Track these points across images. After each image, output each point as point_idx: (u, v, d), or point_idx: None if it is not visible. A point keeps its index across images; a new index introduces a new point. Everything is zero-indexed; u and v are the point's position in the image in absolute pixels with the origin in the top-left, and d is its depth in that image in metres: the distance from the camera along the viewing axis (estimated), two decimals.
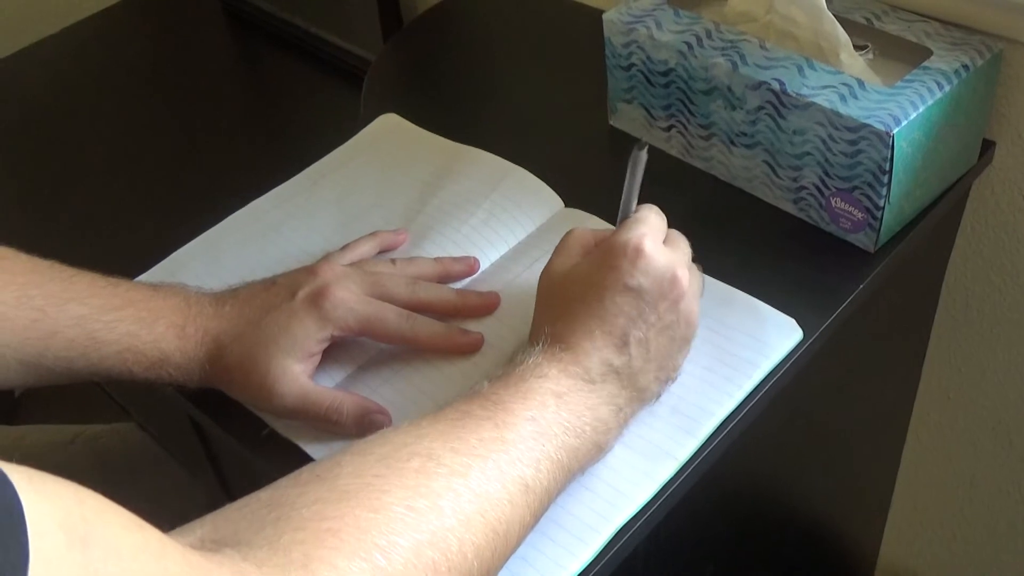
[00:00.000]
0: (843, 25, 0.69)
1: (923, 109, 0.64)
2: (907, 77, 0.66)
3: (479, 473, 0.49)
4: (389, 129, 0.85)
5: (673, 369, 0.59)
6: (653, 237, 0.56)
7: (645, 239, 0.56)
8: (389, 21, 1.06)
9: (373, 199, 0.78)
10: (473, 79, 0.94)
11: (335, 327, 0.61)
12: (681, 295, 0.56)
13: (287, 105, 1.04)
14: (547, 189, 0.75)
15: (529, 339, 0.58)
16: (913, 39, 0.70)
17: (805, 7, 0.69)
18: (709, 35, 0.72)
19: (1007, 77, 0.74)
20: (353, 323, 0.61)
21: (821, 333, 0.64)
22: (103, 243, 0.85)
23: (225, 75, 1.12)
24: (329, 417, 0.60)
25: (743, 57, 0.69)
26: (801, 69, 0.68)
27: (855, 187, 0.67)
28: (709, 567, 0.72)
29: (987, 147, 0.75)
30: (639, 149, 0.57)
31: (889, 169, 0.64)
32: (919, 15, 0.72)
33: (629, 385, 0.56)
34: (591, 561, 0.54)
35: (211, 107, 1.04)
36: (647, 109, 0.78)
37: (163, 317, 0.61)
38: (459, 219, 0.74)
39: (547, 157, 0.78)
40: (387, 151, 0.82)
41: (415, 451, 0.48)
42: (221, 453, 0.77)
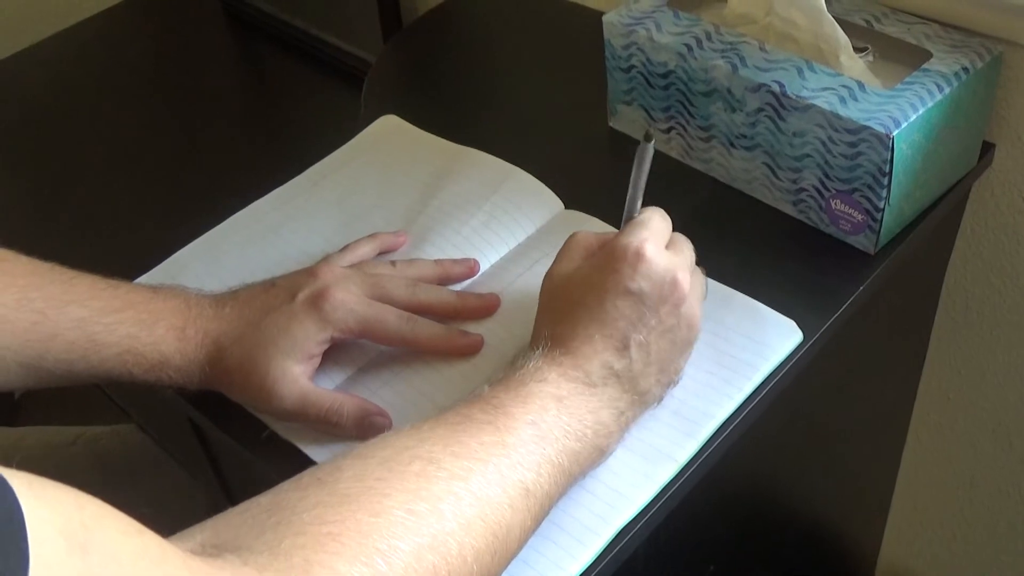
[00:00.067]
0: (843, 27, 0.69)
1: (923, 111, 0.64)
2: (907, 79, 0.66)
3: (480, 477, 0.49)
4: (389, 131, 0.85)
5: (675, 372, 0.59)
6: (655, 241, 0.56)
7: (647, 243, 0.56)
8: (389, 22, 1.06)
9: (373, 201, 0.77)
10: (473, 80, 0.94)
11: (335, 329, 0.61)
12: (682, 299, 0.56)
13: (287, 106, 1.04)
14: (547, 191, 0.75)
15: (530, 343, 0.58)
16: (913, 41, 0.70)
17: (805, 9, 0.69)
18: (709, 37, 0.72)
19: (1007, 79, 0.74)
20: (353, 325, 0.61)
21: (821, 335, 0.64)
22: (103, 243, 0.85)
23: (225, 76, 1.12)
24: (329, 419, 0.60)
25: (743, 59, 0.69)
26: (801, 71, 0.68)
27: (855, 189, 0.67)
28: (709, 569, 0.72)
29: (987, 149, 0.75)
30: (646, 141, 0.57)
31: (889, 171, 0.64)
32: (919, 17, 0.72)
33: (630, 388, 0.56)
34: (591, 563, 0.54)
35: (211, 108, 1.04)
36: (647, 111, 0.78)
37: (163, 319, 0.61)
38: (459, 221, 0.74)
39: (547, 158, 0.78)
40: (387, 153, 0.82)
41: (416, 455, 0.48)
42: (221, 455, 0.77)
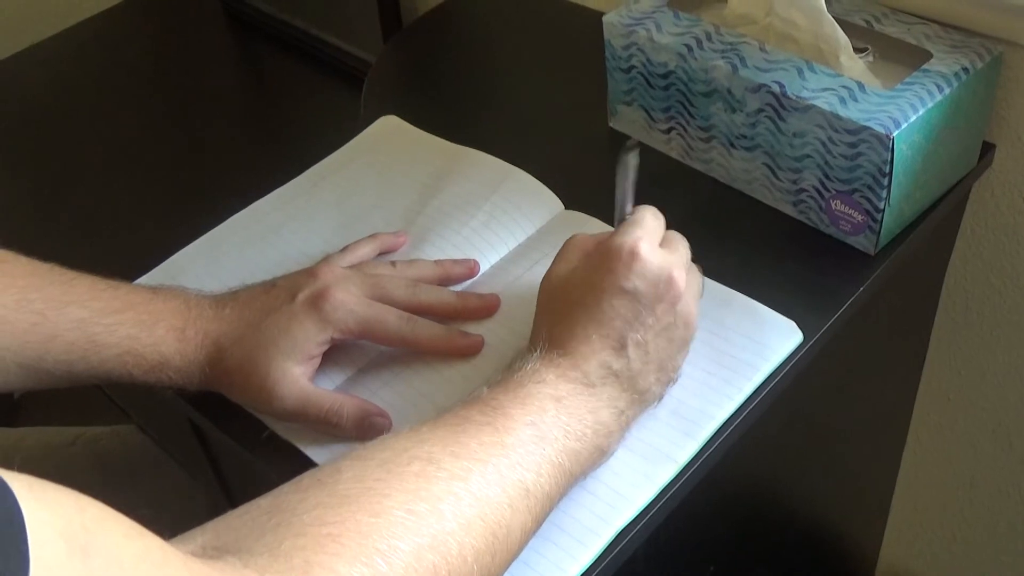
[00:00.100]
0: (843, 27, 0.69)
1: (923, 112, 0.64)
2: (907, 80, 0.66)
3: (479, 477, 0.49)
4: (389, 131, 0.85)
5: (673, 370, 0.59)
6: (649, 239, 0.56)
7: (640, 242, 0.56)
8: (389, 22, 1.06)
9: (373, 201, 0.77)
10: (473, 81, 0.94)
11: (335, 329, 0.61)
12: (678, 296, 0.56)
13: (287, 106, 1.04)
14: (547, 191, 0.75)
15: (528, 344, 0.58)
16: (913, 42, 0.70)
17: (805, 9, 0.69)
18: (709, 37, 0.72)
19: (1007, 80, 0.74)
20: (353, 325, 0.61)
21: (821, 335, 0.64)
22: (103, 243, 0.85)
23: (225, 76, 1.12)
24: (329, 419, 0.60)
25: (743, 59, 0.69)
26: (801, 72, 0.68)
27: (855, 189, 0.67)
28: (709, 569, 0.72)
29: (987, 149, 0.75)
30: (626, 152, 0.57)
31: (889, 171, 0.64)
32: (919, 17, 0.72)
33: (629, 388, 0.56)
34: (591, 564, 0.54)
35: (211, 108, 1.04)
36: (647, 111, 0.78)
37: (163, 320, 0.61)
38: (459, 221, 0.74)
39: (547, 159, 0.78)
40: (387, 153, 0.82)
41: (415, 455, 0.48)
42: (221, 455, 0.77)
